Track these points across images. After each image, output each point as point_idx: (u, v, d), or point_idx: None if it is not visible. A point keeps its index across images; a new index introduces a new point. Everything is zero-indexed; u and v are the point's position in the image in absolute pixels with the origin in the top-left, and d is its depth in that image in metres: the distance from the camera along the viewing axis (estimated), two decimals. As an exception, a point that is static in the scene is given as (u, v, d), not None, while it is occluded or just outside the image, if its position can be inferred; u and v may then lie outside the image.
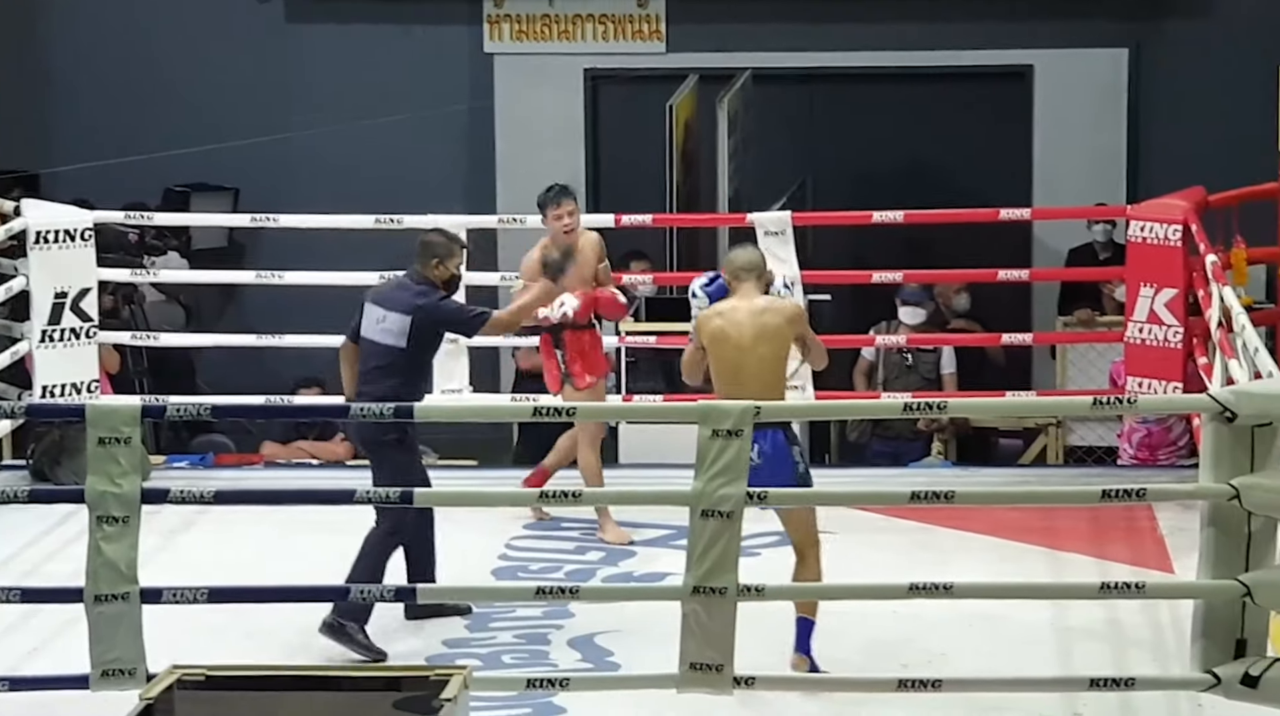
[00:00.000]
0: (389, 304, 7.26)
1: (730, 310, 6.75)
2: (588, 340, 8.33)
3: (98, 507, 6.03)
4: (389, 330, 7.21)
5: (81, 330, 9.11)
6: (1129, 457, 9.53)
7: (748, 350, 6.67)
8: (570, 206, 8.28)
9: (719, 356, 6.72)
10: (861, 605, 6.96)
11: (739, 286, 6.82)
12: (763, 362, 6.67)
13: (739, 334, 6.69)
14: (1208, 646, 5.91)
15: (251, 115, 12.00)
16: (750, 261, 6.86)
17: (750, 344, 6.67)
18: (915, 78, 12.07)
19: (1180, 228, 8.74)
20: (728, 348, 6.69)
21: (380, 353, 7.22)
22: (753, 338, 6.68)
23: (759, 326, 6.69)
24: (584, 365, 8.29)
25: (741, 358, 6.67)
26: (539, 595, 6.61)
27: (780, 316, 6.74)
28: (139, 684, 5.96)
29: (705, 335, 6.76)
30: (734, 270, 6.85)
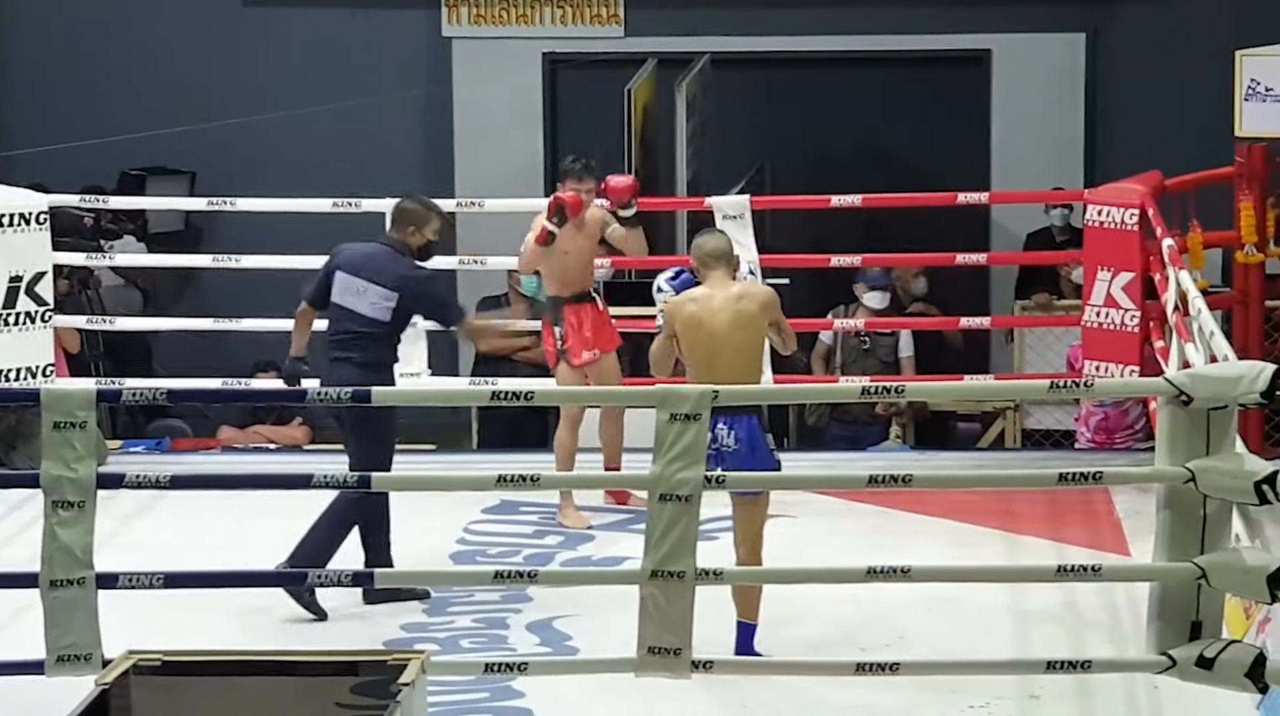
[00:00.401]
0: (371, 275, 7.26)
1: (705, 297, 6.67)
2: (588, 314, 8.30)
3: (53, 492, 6.00)
4: (373, 303, 7.23)
5: (37, 314, 9.05)
6: (1086, 441, 9.57)
7: (723, 337, 6.60)
8: (591, 185, 8.33)
9: (694, 344, 6.63)
10: (820, 588, 6.97)
11: (708, 273, 6.74)
12: (739, 350, 6.60)
13: (714, 321, 6.60)
14: (1163, 629, 5.94)
15: (208, 99, 11.95)
16: (719, 248, 6.79)
17: (726, 331, 6.60)
18: (874, 62, 12.09)
19: (1137, 212, 8.77)
20: (702, 335, 6.61)
21: (360, 322, 7.25)
22: (729, 324, 6.60)
23: (735, 313, 6.62)
24: (581, 340, 8.28)
25: (717, 345, 6.59)
26: (497, 579, 6.59)
27: (755, 302, 6.67)
28: (95, 669, 5.93)
29: (679, 323, 6.66)
30: (702, 257, 6.78)
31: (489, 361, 10.38)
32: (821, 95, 12.19)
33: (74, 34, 12.19)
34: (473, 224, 11.30)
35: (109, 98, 12.03)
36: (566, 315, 8.30)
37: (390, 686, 5.18)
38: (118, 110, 11.87)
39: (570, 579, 7.25)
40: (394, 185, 9.60)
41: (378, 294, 7.22)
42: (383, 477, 6.63)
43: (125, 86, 12.08)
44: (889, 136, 12.16)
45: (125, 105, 11.93)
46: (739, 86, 11.97)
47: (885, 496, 8.20)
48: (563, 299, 8.34)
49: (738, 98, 11.94)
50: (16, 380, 8.92)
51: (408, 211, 7.40)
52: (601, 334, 8.37)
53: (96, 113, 11.89)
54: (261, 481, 7.66)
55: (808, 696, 6.43)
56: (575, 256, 8.34)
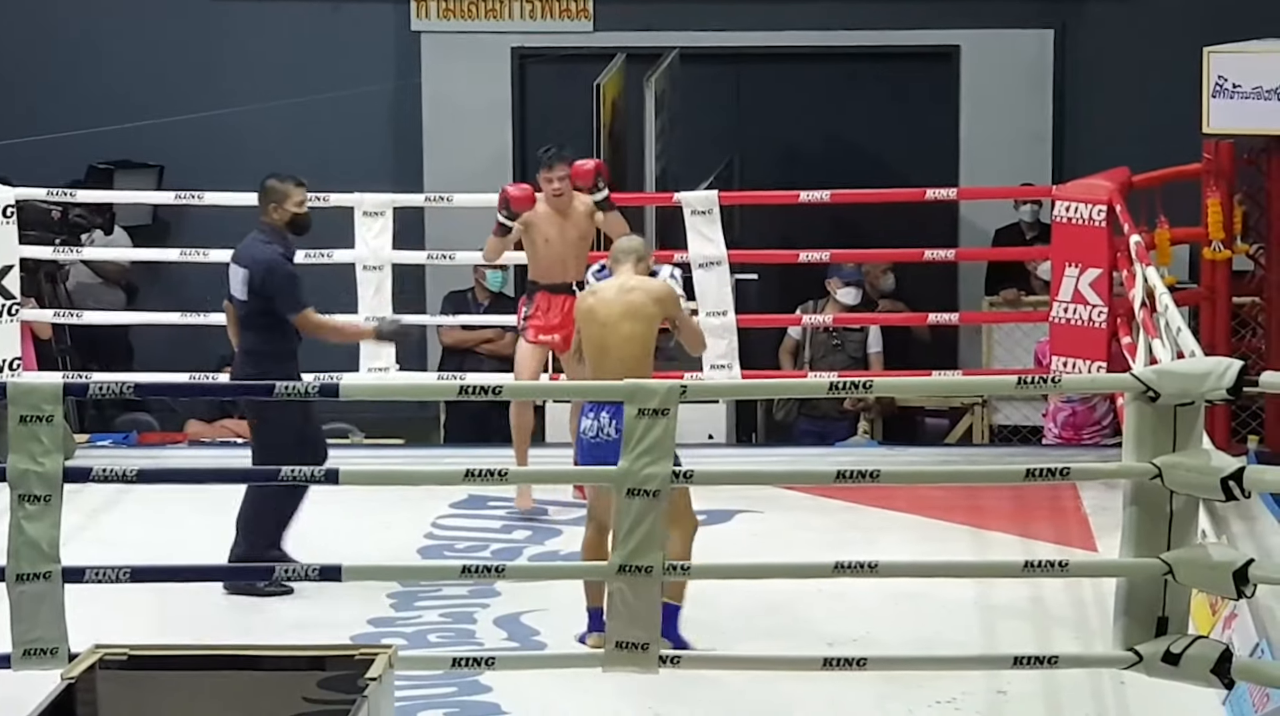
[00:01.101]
0: (240, 258, 7.49)
1: (602, 289, 6.84)
2: (560, 304, 8.31)
3: (19, 486, 5.97)
4: (239, 283, 7.45)
5: (3, 308, 9.02)
6: (1054, 437, 9.59)
7: (612, 327, 6.72)
8: (561, 173, 8.36)
9: (587, 335, 6.81)
10: (787, 583, 6.98)
11: (617, 268, 6.91)
12: (627, 340, 6.70)
13: (606, 312, 6.74)
14: (1130, 624, 5.95)
15: (176, 92, 11.91)
16: (628, 245, 6.97)
17: (615, 321, 6.72)
18: (843, 57, 12.10)
19: (1105, 208, 8.80)
20: (594, 325, 6.76)
21: (237, 306, 7.50)
22: (618, 315, 6.72)
23: (624, 303, 6.73)
24: (542, 324, 8.29)
25: (606, 334, 6.72)
26: (465, 574, 6.60)
27: (646, 294, 6.77)
28: (61, 663, 5.91)
29: (578, 314, 6.86)
30: (614, 252, 6.97)
31: (456, 355, 10.38)
32: (791, 91, 12.20)
33: (41, 27, 12.14)
34: (441, 219, 11.29)
35: (76, 91, 11.98)
36: (538, 299, 8.34)
37: (357, 681, 5.17)
38: (85, 104, 11.82)
39: (538, 574, 7.25)
40: (363, 180, 9.60)
41: (238, 273, 7.45)
42: (352, 472, 6.59)
43: (93, 79, 12.03)
44: (858, 132, 12.17)
45: (92, 99, 11.88)
46: (708, 81, 11.98)
47: (853, 492, 8.21)
48: (538, 285, 8.36)
49: (707, 93, 11.95)
50: (-17, 373, 8.89)
51: (266, 190, 7.54)
52: (570, 327, 8.36)
53: (63, 106, 11.84)
54: (228, 476, 7.63)
55: (775, 691, 6.43)
56: (555, 246, 8.34)
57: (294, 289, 7.45)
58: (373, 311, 9.23)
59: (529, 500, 8.34)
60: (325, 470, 6.33)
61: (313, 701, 5.33)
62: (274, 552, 7.26)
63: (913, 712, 6.32)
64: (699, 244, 9.20)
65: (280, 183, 7.55)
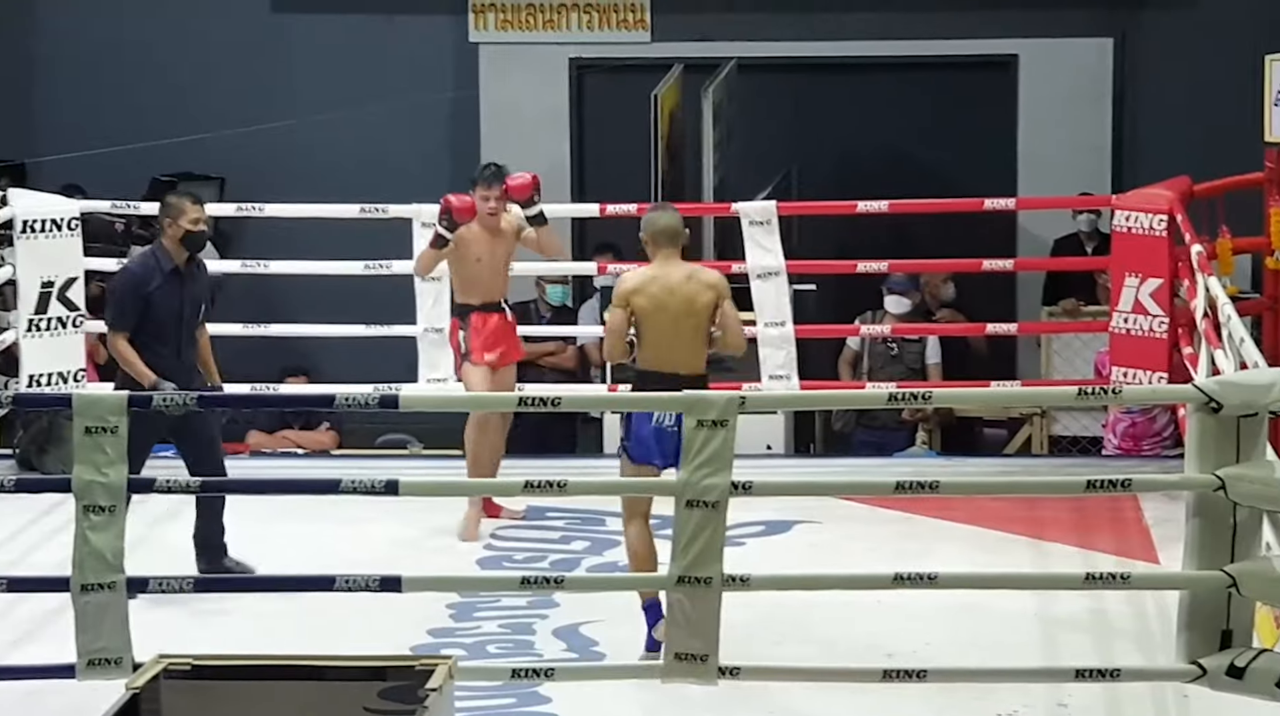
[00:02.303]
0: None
1: (660, 276, 6.71)
2: (494, 322, 8.29)
3: (84, 497, 6.02)
4: None
5: (68, 319, 9.09)
6: (1113, 448, 9.55)
7: (678, 317, 6.65)
8: (499, 192, 8.28)
9: (652, 322, 6.67)
10: (845, 595, 6.96)
11: (659, 252, 6.77)
12: (693, 331, 6.64)
13: (671, 300, 6.65)
14: (1193, 637, 5.92)
15: (237, 105, 11.98)
16: (671, 225, 6.78)
17: (682, 310, 6.65)
18: (900, 67, 12.08)
19: (1165, 217, 8.75)
20: (662, 314, 6.65)
21: None
22: (684, 303, 6.65)
23: (688, 293, 6.66)
24: (482, 343, 8.28)
25: (672, 324, 6.64)
26: (524, 585, 6.60)
27: (704, 283, 6.71)
28: (125, 673, 5.95)
29: (638, 299, 6.67)
30: (654, 234, 6.78)
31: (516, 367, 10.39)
32: (848, 101, 12.19)
33: (106, 40, 12.24)
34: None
35: (140, 104, 12.07)
36: (473, 321, 8.30)
37: (418, 691, 5.19)
38: (148, 116, 11.91)
39: (597, 584, 7.26)
40: (421, 191, 9.63)
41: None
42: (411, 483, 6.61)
43: (156, 92, 12.12)
44: (916, 142, 12.15)
45: (156, 111, 11.97)
46: (765, 92, 11.98)
47: (911, 503, 8.19)
48: (471, 307, 8.32)
49: (764, 103, 11.95)
50: (48, 385, 8.96)
51: (163, 205, 7.51)
52: (505, 343, 8.37)
53: (127, 119, 11.93)
54: (289, 486, 7.68)
55: (833, 703, 6.43)
56: (488, 264, 8.32)
57: (117, 304, 7.39)
58: (430, 322, 9.26)
59: (476, 532, 8.21)
60: (385, 481, 6.35)
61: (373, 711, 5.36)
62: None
63: (973, 725, 6.31)
64: (757, 254, 9.20)
65: (176, 198, 7.51)
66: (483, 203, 8.27)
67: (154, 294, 7.36)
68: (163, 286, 7.38)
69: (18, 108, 12.16)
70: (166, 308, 7.39)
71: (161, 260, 7.42)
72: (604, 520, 8.27)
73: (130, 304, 7.35)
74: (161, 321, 7.39)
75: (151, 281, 7.38)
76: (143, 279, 7.39)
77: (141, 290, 7.36)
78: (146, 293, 7.35)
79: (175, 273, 7.42)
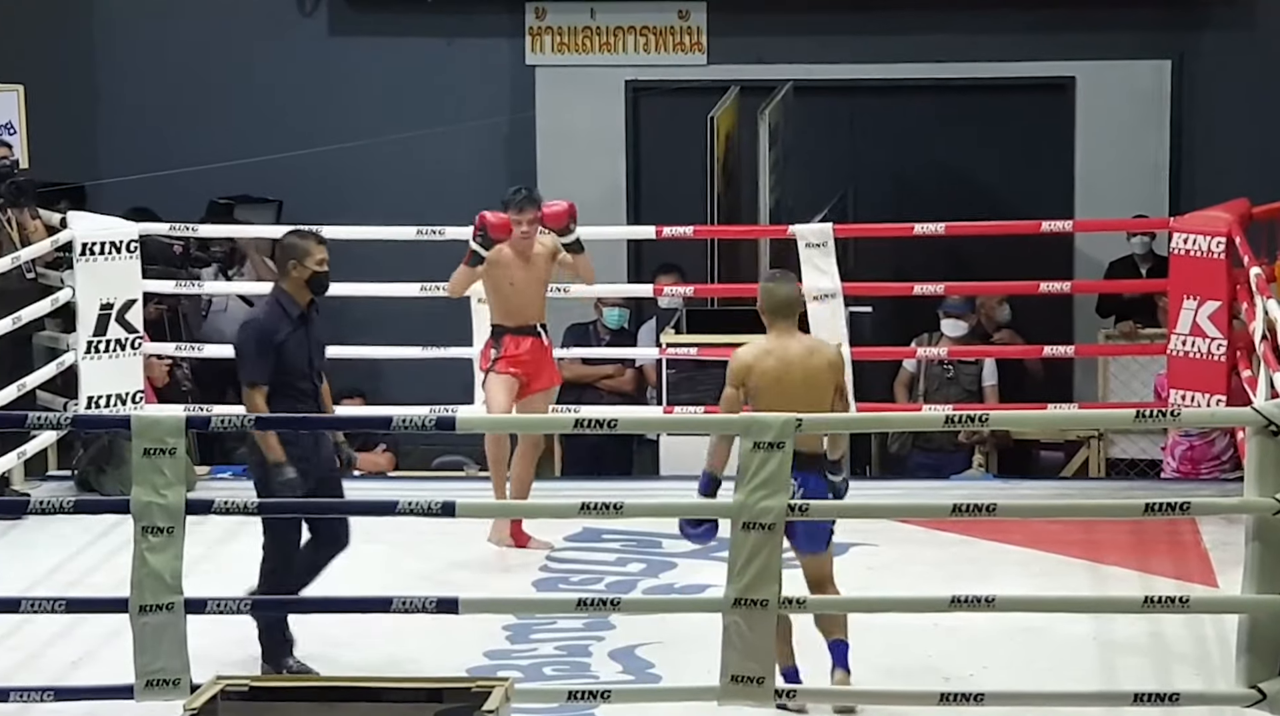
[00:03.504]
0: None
1: (778, 349, 6.49)
2: (529, 345, 8.28)
3: (143, 518, 6.06)
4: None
5: (127, 341, 9.16)
6: (1172, 471, 9.50)
7: (797, 394, 6.41)
8: (531, 216, 8.27)
9: (769, 397, 6.42)
10: (902, 617, 6.95)
11: (777, 323, 6.55)
12: (807, 408, 6.36)
13: (789, 376, 6.43)
14: (1253, 662, 5.89)
15: (295, 127, 12.05)
16: (791, 297, 6.59)
17: (799, 387, 6.42)
18: (957, 89, 12.06)
19: (1224, 240, 8.72)
20: (780, 388, 6.42)
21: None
22: (802, 380, 6.44)
23: (807, 369, 6.45)
24: (512, 359, 8.26)
25: (791, 401, 6.37)
26: (580, 607, 6.63)
27: (824, 360, 6.52)
28: (183, 694, 5.99)
29: (754, 376, 6.45)
30: (775, 305, 6.55)
31: (575, 389, 10.42)
32: (904, 123, 12.17)
33: (165, 64, 12.33)
34: (556, 252, 11.35)
35: (199, 127, 12.16)
36: (505, 343, 8.29)
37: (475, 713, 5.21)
38: (207, 139, 11.99)
39: (653, 607, 7.25)
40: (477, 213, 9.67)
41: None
42: (468, 505, 6.64)
43: (214, 115, 12.20)
44: (972, 164, 12.13)
45: (214, 134, 12.05)
46: (821, 114, 11.97)
47: (968, 525, 8.16)
48: (506, 328, 8.31)
49: (820, 125, 11.94)
50: (107, 406, 9.02)
51: (284, 247, 6.99)
52: (540, 368, 8.35)
53: (186, 141, 12.01)
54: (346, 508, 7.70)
55: (891, 726, 6.41)
56: (521, 289, 8.31)
57: (249, 358, 6.84)
58: (486, 343, 9.28)
59: (506, 533, 8.23)
60: (442, 502, 6.38)
61: (430, 733, 5.37)
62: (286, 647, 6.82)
63: (1030, 749, 6.28)
64: (813, 277, 9.20)
65: (299, 238, 7.00)
66: (515, 227, 8.28)
67: (285, 343, 6.84)
68: (292, 333, 6.88)
69: (78, 130, 12.26)
70: (298, 355, 6.89)
71: (287, 306, 6.89)
72: (660, 542, 8.27)
73: (262, 355, 6.80)
74: (294, 368, 6.88)
75: (280, 330, 6.86)
76: (271, 328, 6.85)
77: (272, 340, 6.82)
78: (278, 342, 6.83)
79: (301, 317, 6.92)
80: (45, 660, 7.00)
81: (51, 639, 7.12)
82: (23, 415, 7.01)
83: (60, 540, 8.22)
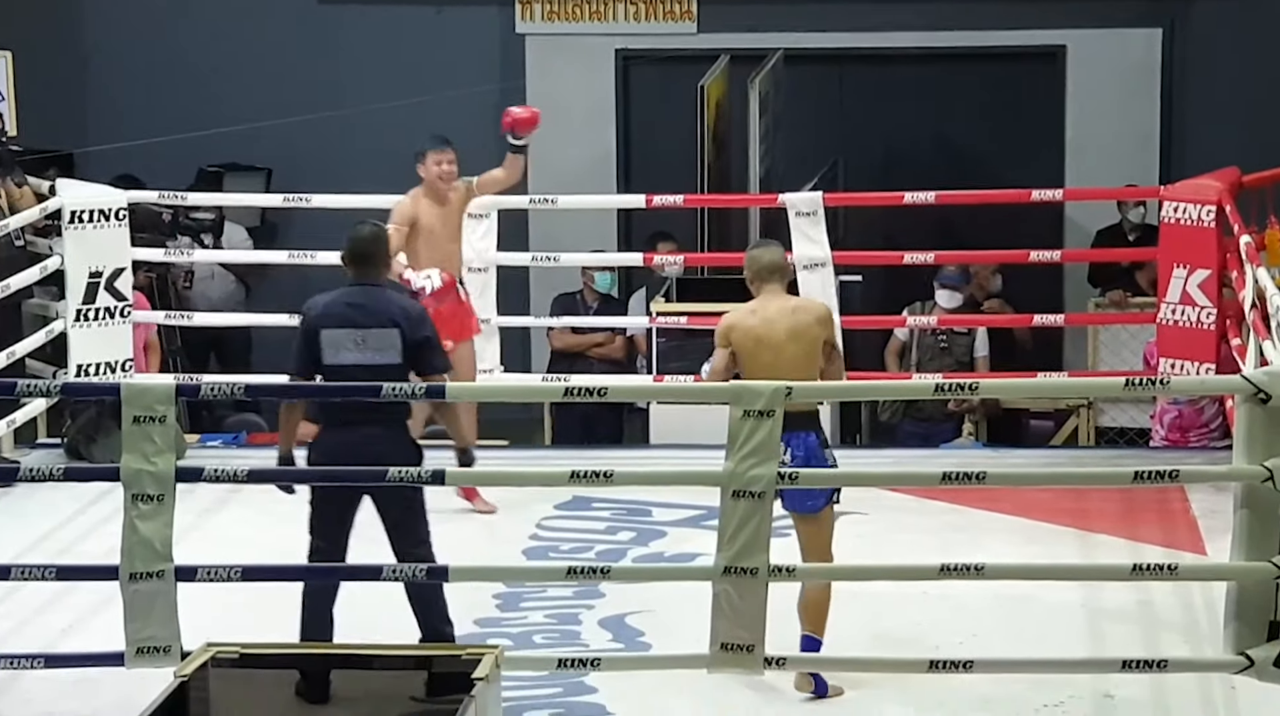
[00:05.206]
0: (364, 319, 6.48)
1: (762, 311, 6.53)
2: (446, 311, 8.24)
3: (133, 486, 6.06)
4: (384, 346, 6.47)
5: (116, 309, 9.14)
6: (1161, 439, 9.51)
7: (782, 352, 6.45)
8: (451, 156, 8.38)
9: (753, 359, 6.46)
10: (892, 586, 6.97)
11: (763, 287, 6.59)
12: (796, 366, 6.43)
13: (773, 336, 6.46)
14: (1241, 629, 5.91)
15: (284, 96, 12.02)
16: (775, 262, 6.61)
17: (783, 345, 6.45)
18: (947, 58, 12.04)
19: (1214, 208, 8.71)
20: (761, 350, 6.46)
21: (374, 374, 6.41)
22: (786, 339, 6.45)
23: (792, 326, 6.47)
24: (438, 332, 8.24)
25: (776, 360, 6.43)
26: (570, 575, 6.64)
27: (811, 316, 6.53)
28: (174, 661, 5.99)
29: (737, 336, 6.49)
30: (759, 270, 6.60)
31: (565, 359, 10.42)
32: (895, 92, 12.16)
33: (154, 32, 12.29)
34: (546, 220, 11.34)
35: (187, 94, 12.12)
36: (425, 302, 8.25)
37: (465, 680, 5.22)
38: (195, 107, 11.96)
39: (643, 575, 7.26)
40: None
41: (386, 338, 6.45)
42: (457, 473, 6.64)
43: (203, 83, 12.17)
44: (963, 133, 12.12)
45: (203, 102, 12.02)
46: (812, 83, 11.96)
47: (957, 494, 8.17)
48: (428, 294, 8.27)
49: (811, 94, 11.93)
50: (96, 374, 9.01)
51: (383, 240, 6.68)
52: (457, 322, 8.33)
53: (175, 109, 11.98)
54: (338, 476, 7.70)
55: (878, 692, 6.42)
56: (440, 239, 8.32)
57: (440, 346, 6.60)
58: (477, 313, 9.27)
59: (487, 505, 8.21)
60: (432, 471, 6.38)
61: (421, 700, 5.39)
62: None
63: (1019, 716, 6.30)
64: (803, 245, 9.19)
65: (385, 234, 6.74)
66: (436, 166, 8.33)
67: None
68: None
69: (66, 98, 12.22)
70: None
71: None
72: (650, 511, 8.29)
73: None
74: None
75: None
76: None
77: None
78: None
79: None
80: (35, 627, 7.01)
81: (42, 606, 7.12)
82: (12, 383, 6.99)
83: (50, 508, 8.22)
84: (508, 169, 8.55)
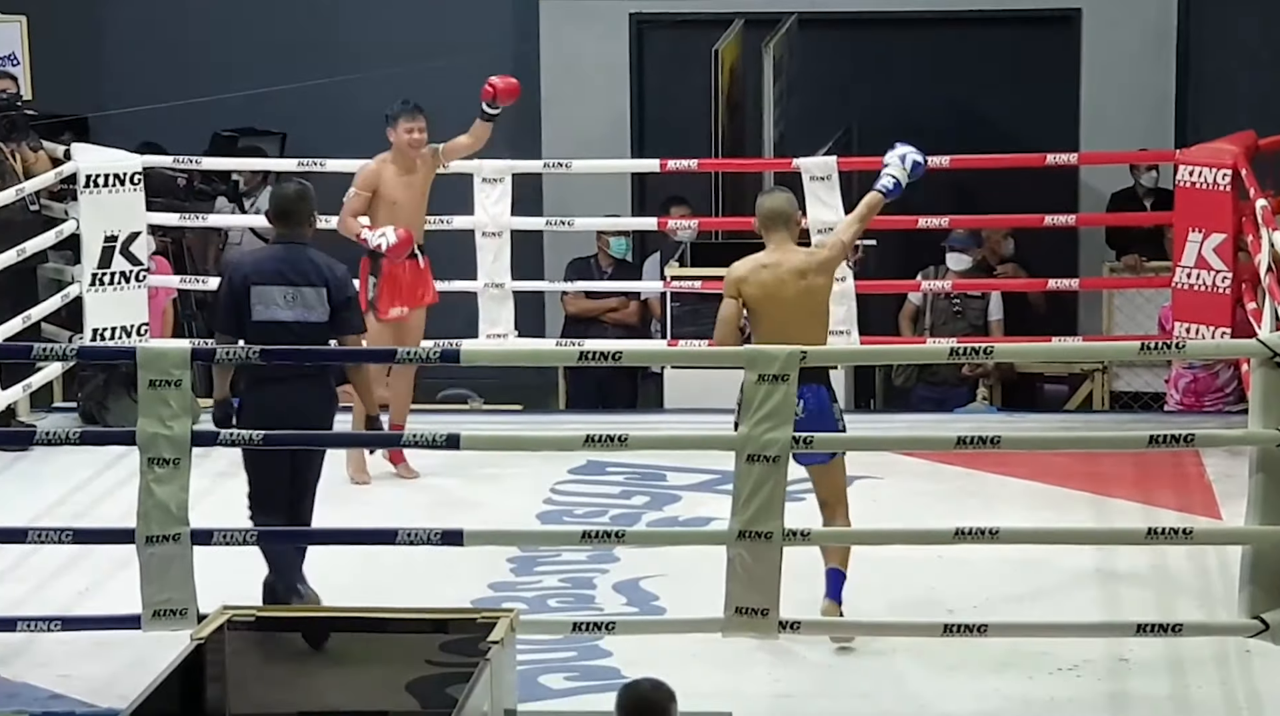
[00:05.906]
0: (295, 277, 6.69)
1: (772, 263, 6.51)
2: (405, 272, 8.25)
3: (149, 449, 6.08)
4: (309, 307, 6.71)
5: (131, 273, 9.15)
6: (1175, 403, 9.51)
7: (793, 306, 6.46)
8: (422, 124, 8.41)
9: (763, 313, 6.48)
10: (907, 550, 6.97)
11: (770, 236, 6.57)
12: (808, 321, 6.46)
13: (784, 291, 6.46)
14: (1255, 592, 5.91)
15: (299, 60, 12.00)
16: (779, 208, 6.59)
17: (796, 299, 6.46)
18: (963, 21, 12.00)
19: (1230, 172, 8.69)
20: (771, 304, 6.46)
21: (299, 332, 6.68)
22: (798, 293, 6.46)
23: (804, 285, 6.48)
24: (392, 297, 8.23)
25: (787, 315, 6.45)
26: (585, 539, 6.64)
27: (819, 266, 6.54)
28: (190, 624, 6.02)
29: (748, 288, 6.48)
30: (763, 217, 6.58)
31: (580, 323, 10.41)
32: (910, 56, 12.11)
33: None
34: (560, 185, 11.32)
35: (202, 59, 12.11)
36: (384, 270, 8.22)
37: (480, 644, 5.23)
38: (210, 71, 11.94)
39: (657, 539, 7.28)
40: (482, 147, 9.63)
41: (312, 296, 6.68)
42: (472, 437, 6.64)
43: (217, 48, 12.15)
44: (977, 97, 12.08)
45: (217, 67, 12.00)
46: (826, 47, 11.91)
47: (972, 458, 8.17)
48: (383, 254, 8.24)
49: (825, 58, 11.88)
50: (111, 338, 9.03)
51: (309, 199, 6.84)
52: (416, 290, 8.31)
53: (189, 74, 11.96)
54: (351, 440, 7.73)
55: (893, 657, 6.44)
56: (405, 208, 8.31)
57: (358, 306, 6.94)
58: (491, 277, 9.29)
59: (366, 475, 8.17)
60: (446, 435, 6.38)
61: (436, 663, 5.40)
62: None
63: (1033, 680, 6.30)
64: (818, 209, 9.17)
65: (311, 195, 6.88)
66: (405, 134, 8.34)
67: None
68: None
69: (81, 62, 12.21)
70: None
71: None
72: (664, 475, 8.29)
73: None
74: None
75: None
76: None
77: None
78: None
79: None
80: (53, 590, 7.03)
81: (59, 569, 7.15)
82: (28, 346, 7.01)
83: (66, 471, 8.24)
84: (475, 136, 8.59)
